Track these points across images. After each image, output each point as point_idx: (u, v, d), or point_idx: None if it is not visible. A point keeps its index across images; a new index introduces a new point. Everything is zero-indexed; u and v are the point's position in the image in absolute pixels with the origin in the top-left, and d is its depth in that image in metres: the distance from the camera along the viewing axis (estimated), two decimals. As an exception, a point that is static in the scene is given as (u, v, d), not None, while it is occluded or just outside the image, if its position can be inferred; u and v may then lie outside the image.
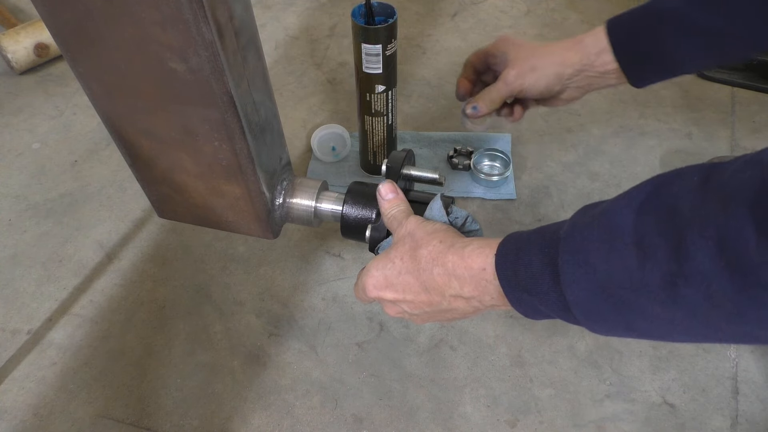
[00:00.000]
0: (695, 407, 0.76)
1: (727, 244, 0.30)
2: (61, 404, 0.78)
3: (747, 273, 0.29)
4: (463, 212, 0.55)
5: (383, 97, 0.91)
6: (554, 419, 0.76)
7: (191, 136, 0.56)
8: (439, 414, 0.76)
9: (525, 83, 0.71)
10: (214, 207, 0.66)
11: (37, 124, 1.16)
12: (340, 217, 0.65)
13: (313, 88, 1.24)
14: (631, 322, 0.37)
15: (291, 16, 1.44)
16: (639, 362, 0.80)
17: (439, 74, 1.26)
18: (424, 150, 1.09)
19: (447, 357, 0.82)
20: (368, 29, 0.82)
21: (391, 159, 0.63)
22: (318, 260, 0.93)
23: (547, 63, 0.70)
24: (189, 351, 0.83)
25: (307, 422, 0.76)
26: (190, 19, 0.45)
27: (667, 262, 0.32)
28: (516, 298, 0.43)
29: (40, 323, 0.86)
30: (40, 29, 1.23)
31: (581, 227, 0.38)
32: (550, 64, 0.70)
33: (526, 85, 0.71)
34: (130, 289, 0.90)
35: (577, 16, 1.42)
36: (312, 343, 0.84)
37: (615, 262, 0.35)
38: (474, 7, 1.45)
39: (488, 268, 0.44)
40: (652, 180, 0.36)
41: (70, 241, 0.96)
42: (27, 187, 1.05)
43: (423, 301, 0.49)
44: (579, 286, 0.38)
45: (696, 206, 0.32)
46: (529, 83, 0.71)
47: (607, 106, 1.18)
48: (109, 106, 0.58)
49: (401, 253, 0.50)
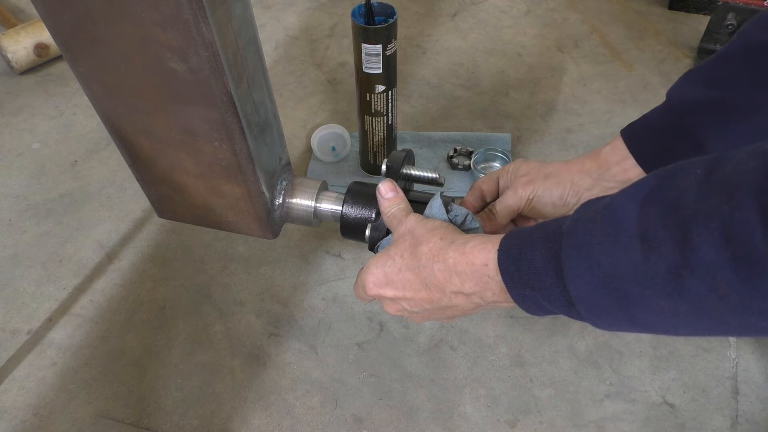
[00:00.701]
0: (695, 407, 0.76)
1: (733, 235, 0.30)
2: (61, 404, 0.78)
3: (753, 263, 0.29)
4: (462, 210, 0.55)
5: (383, 97, 0.91)
6: (554, 419, 0.76)
7: (191, 136, 0.56)
8: (439, 414, 0.76)
9: (537, 190, 0.63)
10: (214, 207, 0.66)
11: (37, 124, 1.17)
12: (339, 217, 0.65)
13: (313, 88, 1.24)
14: (636, 315, 0.37)
15: (291, 16, 1.44)
16: (639, 362, 0.80)
17: (439, 74, 1.26)
18: (424, 150, 1.09)
19: (447, 357, 0.82)
20: (368, 29, 0.82)
21: (391, 159, 0.63)
22: (318, 260, 0.93)
23: (562, 170, 0.63)
24: (189, 351, 0.83)
25: (307, 422, 0.76)
26: (190, 19, 0.45)
27: (672, 255, 0.32)
28: (519, 294, 0.43)
29: (40, 323, 0.86)
30: (40, 29, 1.23)
31: (584, 221, 0.38)
32: (566, 172, 0.63)
33: (539, 192, 0.62)
34: (130, 289, 0.90)
35: (577, 16, 1.42)
36: (312, 343, 0.84)
37: (619, 255, 0.35)
38: (474, 7, 1.46)
39: (490, 264, 0.44)
40: (656, 173, 0.36)
41: (70, 241, 0.96)
42: (27, 187, 1.05)
43: (423, 298, 0.49)
44: (583, 281, 0.37)
45: (700, 198, 0.32)
46: (541, 191, 0.62)
47: (607, 106, 1.18)
48: (109, 106, 0.58)
49: (401, 250, 0.50)
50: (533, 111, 1.18)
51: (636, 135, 0.61)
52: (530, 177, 0.63)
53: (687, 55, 1.29)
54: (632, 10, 1.43)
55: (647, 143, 0.60)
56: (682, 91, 0.59)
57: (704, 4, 1.39)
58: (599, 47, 1.33)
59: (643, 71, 1.26)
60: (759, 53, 0.53)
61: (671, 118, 0.59)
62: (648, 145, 0.60)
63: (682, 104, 0.58)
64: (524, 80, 1.25)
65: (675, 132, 0.58)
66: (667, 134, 0.59)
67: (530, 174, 0.63)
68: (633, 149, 0.61)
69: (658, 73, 1.25)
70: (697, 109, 0.57)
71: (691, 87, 0.58)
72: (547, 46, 1.33)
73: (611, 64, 1.28)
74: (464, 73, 1.26)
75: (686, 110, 0.58)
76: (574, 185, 0.62)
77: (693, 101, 0.57)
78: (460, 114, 1.17)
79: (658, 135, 0.59)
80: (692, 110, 0.57)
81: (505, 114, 1.17)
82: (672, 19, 1.40)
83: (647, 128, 0.61)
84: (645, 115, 0.61)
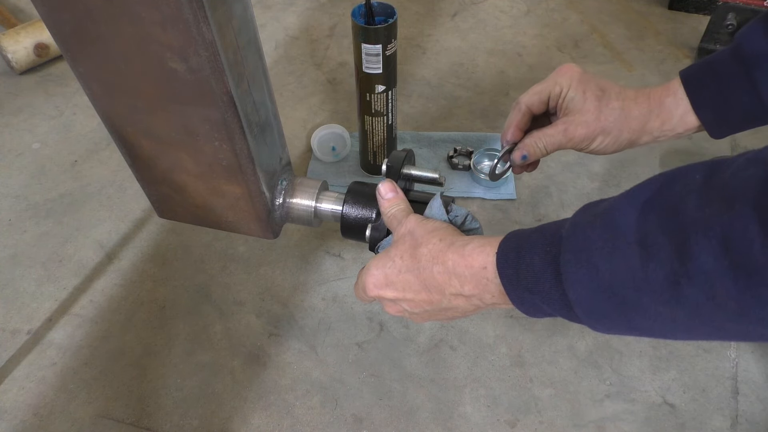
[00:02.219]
0: (695, 407, 0.76)
1: (731, 244, 0.29)
2: (61, 404, 0.78)
3: (751, 273, 0.29)
4: (462, 210, 0.55)
5: (383, 97, 0.91)
6: (554, 419, 0.76)
7: (191, 136, 0.56)
8: (439, 414, 0.76)
9: (592, 146, 0.61)
10: (214, 207, 0.66)
11: (37, 124, 1.16)
12: (340, 217, 0.65)
13: (313, 88, 1.24)
14: (633, 320, 0.37)
15: (291, 16, 1.44)
16: (639, 362, 0.80)
17: (439, 74, 1.26)
18: (424, 150, 1.09)
19: (447, 357, 0.82)
20: (368, 29, 0.82)
21: (391, 159, 0.63)
22: (318, 260, 0.93)
23: (623, 128, 0.60)
24: (189, 351, 0.83)
25: (307, 422, 0.76)
26: (190, 19, 0.45)
27: (671, 262, 0.32)
28: (517, 297, 0.43)
29: (40, 323, 0.86)
30: (40, 29, 1.23)
31: (583, 226, 0.38)
32: (627, 130, 0.60)
33: (594, 146, 0.61)
34: (130, 289, 0.90)
35: (577, 16, 1.42)
36: (312, 343, 0.84)
37: (618, 261, 0.35)
38: (474, 7, 1.46)
39: (489, 267, 0.44)
40: (655, 178, 0.36)
41: (70, 241, 0.96)
42: (27, 187, 1.05)
43: (423, 299, 0.49)
44: (581, 286, 0.38)
45: (699, 205, 0.32)
46: (596, 146, 0.61)
47: (607, 106, 1.18)
48: (109, 106, 0.58)
49: (401, 251, 0.50)
50: (533, 111, 1.18)
51: (698, 82, 0.58)
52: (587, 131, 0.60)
53: (687, 55, 1.29)
54: (632, 10, 1.43)
55: (708, 92, 0.57)
56: (757, 40, 0.54)
57: (704, 4, 1.39)
58: (599, 47, 1.33)
59: (643, 71, 1.26)
60: None
61: (739, 67, 0.55)
62: (709, 95, 0.57)
63: (753, 54, 0.54)
64: (524, 80, 1.25)
65: (740, 83, 0.55)
66: (732, 86, 0.55)
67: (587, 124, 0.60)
68: (692, 97, 0.58)
69: (658, 73, 1.25)
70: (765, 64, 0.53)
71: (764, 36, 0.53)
72: (547, 46, 1.33)
73: (611, 64, 1.28)
74: (464, 73, 1.26)
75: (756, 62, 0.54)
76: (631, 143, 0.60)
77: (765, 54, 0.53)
78: (460, 114, 1.17)
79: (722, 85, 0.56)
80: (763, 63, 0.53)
81: (505, 114, 1.17)
82: (672, 19, 1.40)
83: (710, 76, 0.57)
84: (708, 59, 0.58)
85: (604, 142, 0.61)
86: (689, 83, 0.59)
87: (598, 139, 0.61)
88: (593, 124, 0.60)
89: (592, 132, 0.60)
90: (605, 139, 0.61)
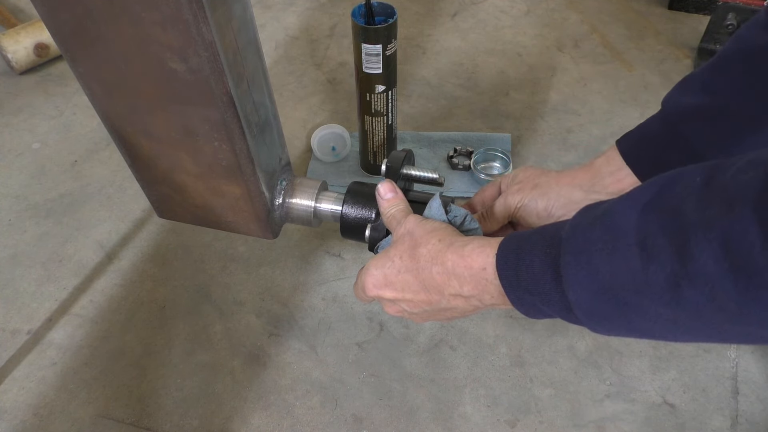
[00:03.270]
0: (695, 407, 0.76)
1: (732, 246, 0.29)
2: (61, 404, 0.78)
3: (752, 275, 0.29)
4: (462, 211, 0.55)
5: (383, 97, 0.91)
6: (554, 419, 0.76)
7: (191, 136, 0.56)
8: (439, 414, 0.76)
9: (524, 200, 0.63)
10: (214, 207, 0.66)
11: (37, 124, 1.17)
12: (339, 217, 0.65)
13: (313, 88, 1.24)
14: (634, 322, 0.37)
15: (291, 16, 1.44)
16: (639, 362, 0.80)
17: (439, 74, 1.26)
18: (424, 150, 1.09)
19: (447, 357, 0.82)
20: (368, 29, 0.82)
21: (391, 159, 0.63)
22: (318, 260, 0.93)
23: (552, 182, 0.63)
24: (189, 351, 0.83)
25: (307, 422, 0.76)
26: (190, 19, 0.45)
27: (671, 264, 0.32)
28: (517, 298, 0.43)
29: (40, 323, 0.86)
30: (40, 29, 1.23)
31: (583, 228, 0.38)
32: (555, 184, 0.62)
33: (525, 202, 0.63)
34: (130, 289, 0.90)
35: (577, 16, 1.42)
36: (312, 343, 0.84)
37: (618, 263, 0.35)
38: (474, 7, 1.46)
39: (488, 268, 0.44)
40: (656, 180, 0.36)
41: (70, 241, 0.96)
42: (27, 187, 1.05)
43: (422, 299, 0.49)
44: (581, 287, 0.37)
45: (700, 207, 0.32)
46: (527, 200, 0.63)
47: (607, 106, 1.18)
48: (109, 106, 0.58)
49: (400, 251, 0.50)
50: (533, 111, 1.18)
51: (631, 145, 0.60)
52: (521, 186, 0.63)
53: (687, 55, 1.29)
54: (632, 10, 1.43)
55: (643, 153, 0.59)
56: (677, 99, 0.58)
57: (704, 4, 1.39)
58: (599, 47, 1.33)
59: (643, 71, 1.26)
60: (755, 57, 0.52)
61: (666, 127, 0.58)
62: (644, 155, 0.59)
63: (676, 112, 0.57)
64: (524, 80, 1.25)
65: (670, 141, 0.58)
66: (662, 143, 0.58)
67: (523, 183, 0.64)
68: (628, 159, 0.60)
69: (658, 73, 1.25)
70: (692, 117, 0.56)
71: (685, 94, 0.57)
72: (547, 46, 1.33)
73: (611, 64, 1.28)
74: (464, 73, 1.26)
75: (681, 118, 0.57)
76: (561, 197, 0.62)
77: (688, 109, 0.56)
78: (460, 114, 1.17)
79: (653, 144, 0.59)
80: (687, 118, 0.56)
81: (505, 114, 1.17)
82: (672, 19, 1.40)
83: (643, 138, 0.60)
84: (640, 124, 0.61)
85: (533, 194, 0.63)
86: (629, 156, 0.60)
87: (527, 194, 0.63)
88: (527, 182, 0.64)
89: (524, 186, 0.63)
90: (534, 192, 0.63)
